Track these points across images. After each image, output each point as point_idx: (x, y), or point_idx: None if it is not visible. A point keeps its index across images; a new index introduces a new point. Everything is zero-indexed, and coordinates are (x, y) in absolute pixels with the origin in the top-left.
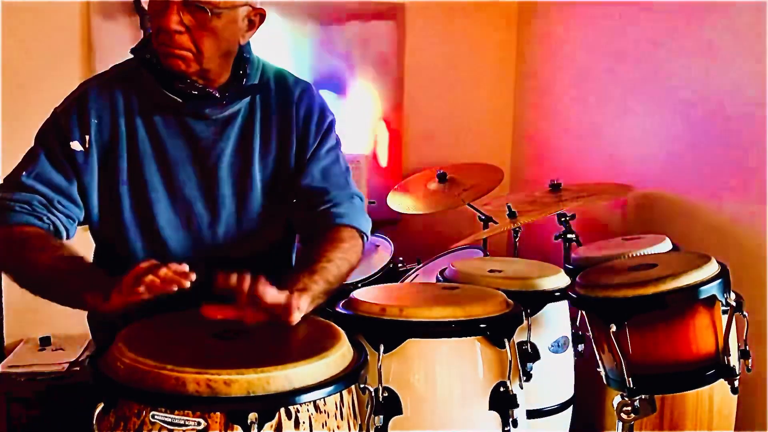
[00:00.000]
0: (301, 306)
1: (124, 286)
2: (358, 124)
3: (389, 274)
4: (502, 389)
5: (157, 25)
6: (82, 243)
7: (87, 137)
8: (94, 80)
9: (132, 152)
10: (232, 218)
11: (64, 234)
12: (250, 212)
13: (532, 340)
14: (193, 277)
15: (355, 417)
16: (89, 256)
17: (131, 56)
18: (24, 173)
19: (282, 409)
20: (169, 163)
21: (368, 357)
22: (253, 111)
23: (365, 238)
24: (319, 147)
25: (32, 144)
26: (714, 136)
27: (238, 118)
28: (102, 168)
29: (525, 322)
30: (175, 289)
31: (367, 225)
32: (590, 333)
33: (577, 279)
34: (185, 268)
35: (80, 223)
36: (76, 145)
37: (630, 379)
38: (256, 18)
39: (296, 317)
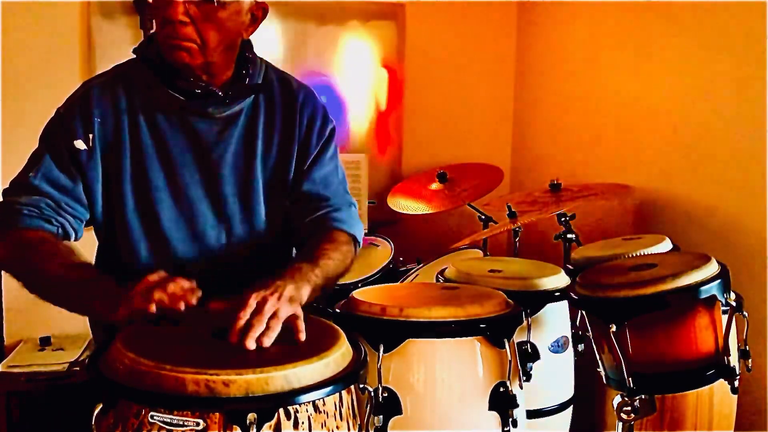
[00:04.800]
0: (302, 295)
1: (132, 299)
2: (358, 124)
3: (389, 274)
4: (501, 389)
5: (162, 17)
6: (83, 243)
7: (91, 136)
8: (96, 79)
9: (135, 151)
10: (236, 218)
11: (73, 235)
12: (253, 212)
13: (532, 340)
14: (200, 293)
15: (354, 417)
16: (91, 257)
17: (132, 56)
18: (31, 174)
19: (281, 410)
20: (172, 162)
21: (368, 357)
22: (257, 111)
23: (357, 246)
24: (320, 154)
25: (32, 144)
26: (714, 136)
27: (241, 117)
28: (105, 167)
29: (525, 322)
30: (183, 307)
31: (360, 234)
32: (590, 333)
33: (577, 279)
34: (193, 284)
35: (86, 224)
36: (80, 144)
37: (630, 379)
38: (259, 12)
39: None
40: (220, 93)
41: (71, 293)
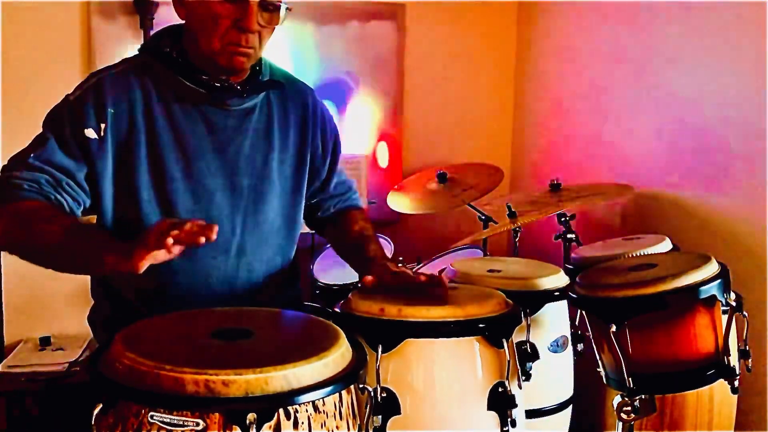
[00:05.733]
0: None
1: (147, 244)
2: (358, 124)
3: None
4: (500, 389)
5: (229, 25)
6: None
7: (103, 126)
8: (107, 70)
9: (151, 142)
10: (250, 209)
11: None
12: (267, 204)
13: (531, 339)
14: (216, 229)
15: (354, 417)
16: None
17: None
18: (32, 155)
19: (281, 410)
20: (189, 153)
21: (367, 357)
22: (270, 107)
23: None
24: (334, 158)
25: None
26: (714, 136)
27: (255, 112)
28: (118, 158)
29: (524, 322)
30: (203, 241)
31: None
32: (590, 333)
33: (577, 279)
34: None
35: (85, 212)
36: (90, 133)
37: (630, 379)
38: None
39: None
40: (238, 87)
41: (77, 251)
